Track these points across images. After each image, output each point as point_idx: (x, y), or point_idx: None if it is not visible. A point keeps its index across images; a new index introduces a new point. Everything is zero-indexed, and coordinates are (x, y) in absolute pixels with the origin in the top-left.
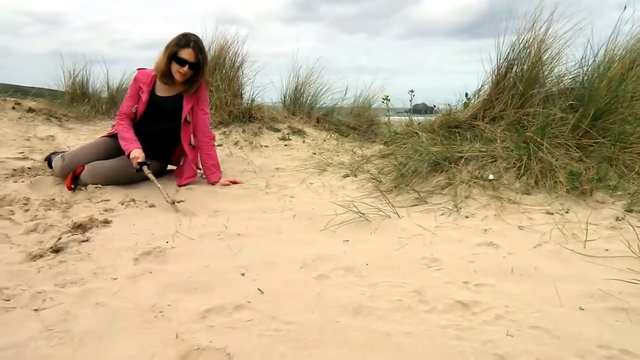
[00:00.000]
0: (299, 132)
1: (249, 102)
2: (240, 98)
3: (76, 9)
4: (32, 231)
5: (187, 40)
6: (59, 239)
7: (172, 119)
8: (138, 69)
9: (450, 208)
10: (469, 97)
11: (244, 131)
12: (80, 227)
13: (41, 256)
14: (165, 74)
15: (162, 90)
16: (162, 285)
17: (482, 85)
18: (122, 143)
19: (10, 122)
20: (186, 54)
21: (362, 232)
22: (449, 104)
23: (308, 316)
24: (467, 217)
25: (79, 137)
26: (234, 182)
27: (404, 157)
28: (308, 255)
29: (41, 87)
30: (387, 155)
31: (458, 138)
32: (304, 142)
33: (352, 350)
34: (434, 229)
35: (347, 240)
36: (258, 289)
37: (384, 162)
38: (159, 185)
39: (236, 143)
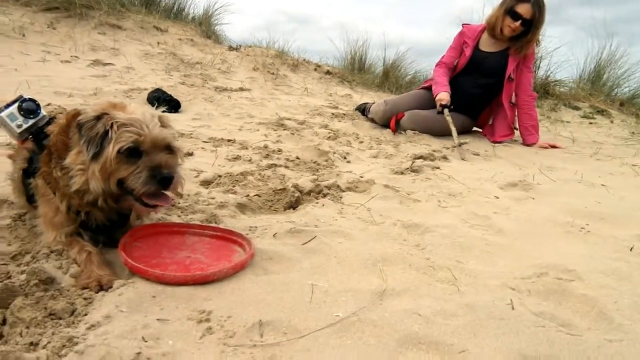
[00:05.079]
0: (604, 112)
1: (544, 77)
2: (534, 72)
3: (324, 10)
4: (374, 157)
5: None
6: (413, 162)
7: (494, 75)
8: (464, 24)
9: None
10: None
11: (538, 106)
12: (421, 158)
13: (402, 173)
14: (495, 28)
15: (486, 45)
16: (557, 209)
17: None
18: (433, 87)
19: (313, 80)
20: (523, 9)
21: None
22: None
23: None
24: None
25: (368, 100)
26: (553, 146)
27: None
28: None
29: None
30: None
31: None
32: (611, 122)
33: None
34: None
35: None
36: None
37: None
38: (454, 129)
39: None
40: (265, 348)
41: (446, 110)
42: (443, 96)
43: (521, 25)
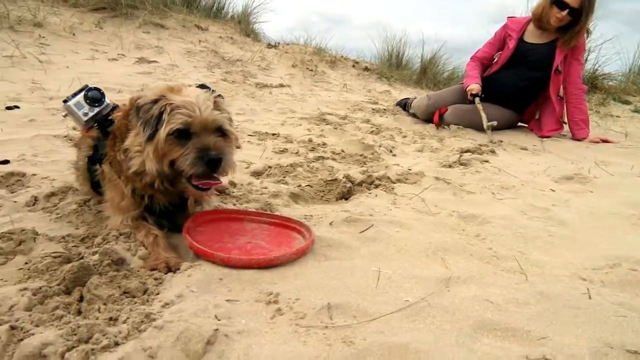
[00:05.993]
0: None
1: (592, 70)
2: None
3: (357, 11)
4: (419, 151)
5: None
6: (461, 156)
7: (540, 68)
8: (508, 17)
9: None
10: None
11: (586, 100)
12: (468, 152)
13: (450, 166)
14: (541, 18)
15: (532, 37)
16: (619, 202)
17: None
18: (464, 80)
19: (351, 77)
20: None
21: None
22: None
23: None
24: None
25: (407, 96)
26: (605, 141)
27: None
28: None
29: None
30: None
31: None
32: None
33: None
34: None
35: None
36: None
37: None
38: (484, 115)
39: None
40: (337, 329)
41: (477, 99)
42: (473, 86)
43: (569, 15)
